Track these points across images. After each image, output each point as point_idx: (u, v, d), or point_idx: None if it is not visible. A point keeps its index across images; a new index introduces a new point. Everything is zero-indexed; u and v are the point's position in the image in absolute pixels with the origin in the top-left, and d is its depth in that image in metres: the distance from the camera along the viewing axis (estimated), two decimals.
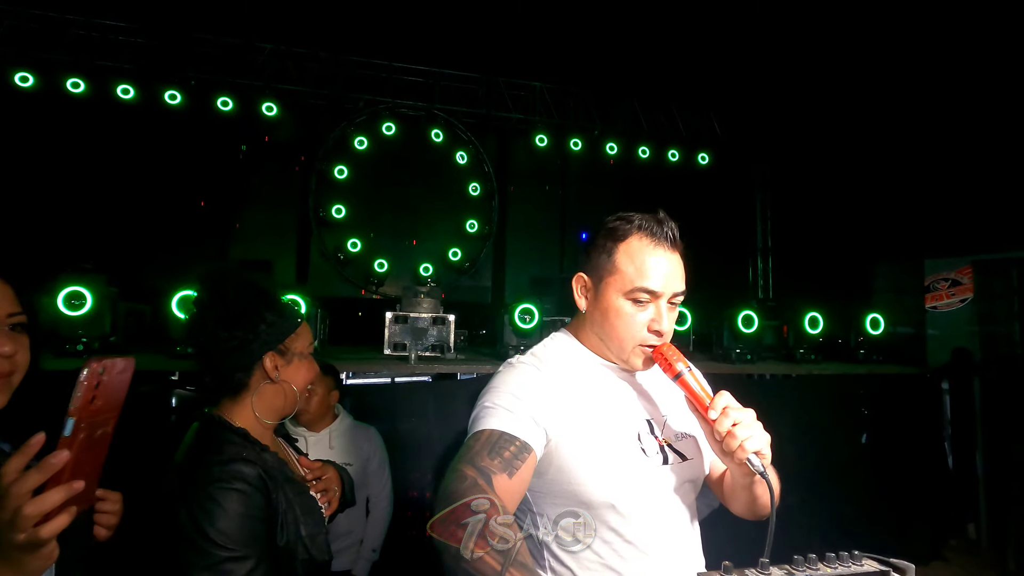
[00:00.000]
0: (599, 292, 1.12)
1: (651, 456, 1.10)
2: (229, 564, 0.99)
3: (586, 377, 1.14)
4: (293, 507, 1.11)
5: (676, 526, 1.11)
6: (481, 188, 5.83)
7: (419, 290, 4.01)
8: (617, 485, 1.04)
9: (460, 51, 5.40)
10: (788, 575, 0.85)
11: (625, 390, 1.16)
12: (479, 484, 0.85)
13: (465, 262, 5.72)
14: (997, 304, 6.04)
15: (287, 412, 1.24)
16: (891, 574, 0.88)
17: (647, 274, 1.06)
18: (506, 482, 0.91)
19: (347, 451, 2.31)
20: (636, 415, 1.13)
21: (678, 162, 6.08)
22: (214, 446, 1.09)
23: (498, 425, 0.99)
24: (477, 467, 0.91)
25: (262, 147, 5.33)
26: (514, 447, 0.96)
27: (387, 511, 2.41)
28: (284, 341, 1.20)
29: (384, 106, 5.47)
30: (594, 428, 1.07)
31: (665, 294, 1.08)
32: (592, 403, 1.10)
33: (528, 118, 5.74)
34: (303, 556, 1.10)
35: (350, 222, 5.48)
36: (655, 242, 1.08)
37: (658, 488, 1.09)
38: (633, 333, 1.08)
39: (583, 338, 1.19)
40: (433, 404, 3.62)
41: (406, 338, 3.79)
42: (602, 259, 1.11)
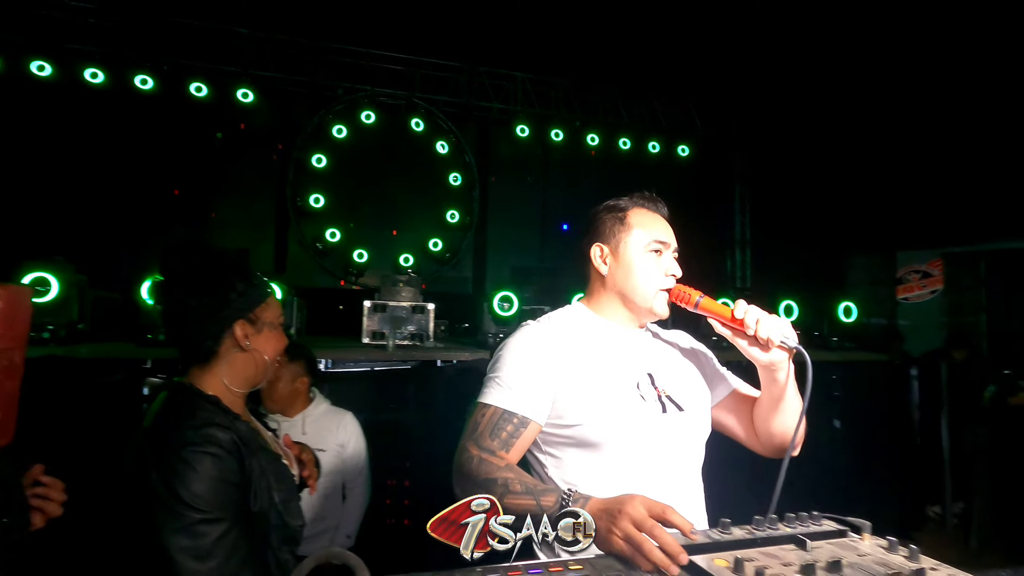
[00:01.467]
0: (619, 253, 1.29)
1: (649, 403, 1.20)
2: (203, 526, 0.99)
3: (592, 335, 1.28)
4: (266, 474, 1.11)
5: (676, 477, 1.20)
6: (462, 178, 5.80)
7: (398, 279, 3.98)
8: (616, 425, 1.16)
9: (441, 40, 5.36)
10: (749, 534, 0.87)
11: (628, 346, 1.28)
12: (487, 461, 1.07)
13: (446, 252, 5.70)
14: (966, 295, 6.22)
15: (257, 381, 1.23)
16: (848, 532, 0.90)
17: (658, 230, 1.28)
18: (506, 455, 1.09)
19: (320, 437, 2.28)
20: (637, 367, 1.25)
21: (658, 154, 6.12)
22: (186, 412, 1.08)
23: (500, 402, 1.14)
24: (480, 447, 1.09)
25: (238, 134, 5.22)
26: (511, 425, 1.13)
27: (364, 497, 2.39)
28: (255, 310, 1.20)
29: (363, 94, 5.41)
30: (596, 375, 1.19)
31: (671, 246, 1.29)
32: (595, 355, 1.23)
33: (509, 108, 5.72)
34: (276, 522, 1.10)
35: (329, 212, 5.41)
36: (652, 209, 1.32)
37: (657, 436, 1.19)
38: (655, 279, 1.25)
39: (595, 305, 1.34)
40: (413, 392, 3.62)
41: (385, 327, 3.76)
42: (615, 227, 1.30)
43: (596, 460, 1.16)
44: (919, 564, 0.76)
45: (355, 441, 2.38)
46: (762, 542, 0.84)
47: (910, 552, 0.80)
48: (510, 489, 1.00)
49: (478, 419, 1.14)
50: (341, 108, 5.43)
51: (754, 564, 0.73)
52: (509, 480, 1.02)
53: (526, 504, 0.97)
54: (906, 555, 0.80)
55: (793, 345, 1.10)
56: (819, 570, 0.74)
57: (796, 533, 0.86)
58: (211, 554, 0.99)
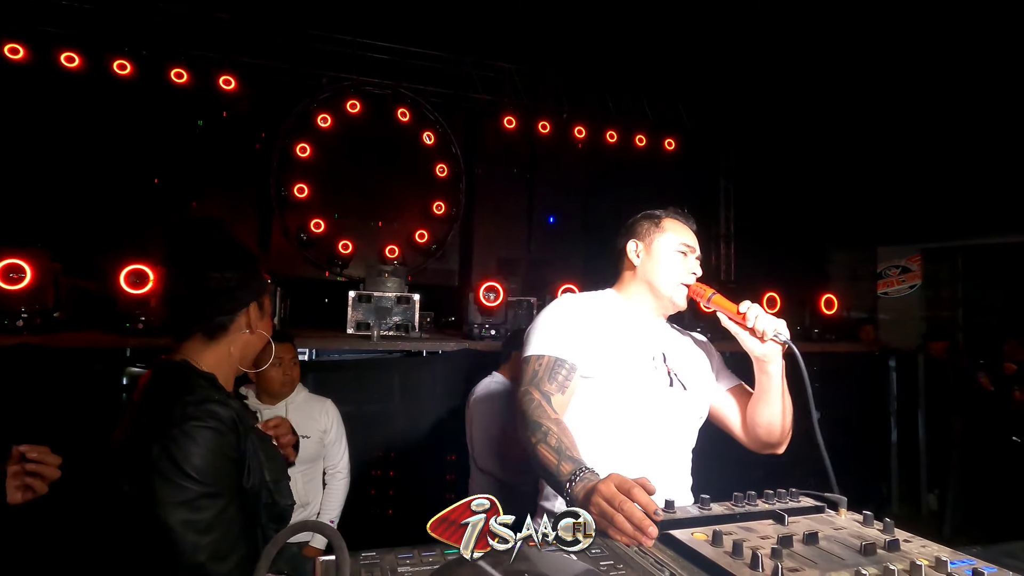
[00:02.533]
0: (651, 249, 1.48)
1: (659, 373, 1.39)
2: (204, 500, 0.99)
3: (618, 315, 1.46)
4: (258, 452, 1.12)
5: (669, 448, 1.38)
6: (448, 170, 5.76)
7: (383, 269, 3.96)
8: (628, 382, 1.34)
9: (428, 29, 5.30)
10: (728, 510, 0.88)
11: (648, 329, 1.47)
12: (543, 406, 1.23)
13: (432, 244, 5.66)
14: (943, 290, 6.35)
15: (250, 363, 1.25)
16: (825, 508, 0.92)
17: (686, 235, 1.49)
18: (560, 399, 1.27)
19: (303, 423, 2.27)
20: (653, 345, 1.44)
21: (645, 147, 6.14)
22: (185, 387, 1.08)
23: (552, 352, 1.32)
24: (541, 391, 1.26)
25: (220, 122, 5.12)
26: (565, 370, 1.30)
27: (345, 482, 2.39)
28: (263, 295, 1.23)
29: (349, 83, 5.34)
30: (617, 340, 1.38)
31: (696, 251, 1.49)
32: (618, 328, 1.42)
33: (497, 99, 5.68)
34: (267, 500, 1.11)
35: (313, 202, 5.34)
36: (684, 221, 1.54)
37: (660, 405, 1.36)
38: (679, 273, 1.44)
39: (624, 292, 1.52)
40: (398, 382, 3.60)
41: (370, 317, 3.74)
42: (651, 229, 1.51)
43: (601, 414, 1.32)
44: (893, 536, 0.77)
45: (336, 427, 2.38)
46: (741, 517, 0.85)
47: (884, 525, 0.81)
48: (547, 440, 1.15)
49: (536, 367, 1.31)
50: (326, 97, 5.35)
51: (732, 537, 0.74)
52: (551, 432, 1.17)
53: (551, 459, 1.11)
54: (880, 528, 0.82)
55: (784, 339, 1.28)
56: (796, 542, 0.75)
57: (775, 509, 0.87)
58: (211, 528, 0.99)
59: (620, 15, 5.00)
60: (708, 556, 0.70)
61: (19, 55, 4.37)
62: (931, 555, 0.72)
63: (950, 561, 0.69)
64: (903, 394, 4.09)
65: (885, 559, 0.70)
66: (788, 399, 1.38)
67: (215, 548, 0.99)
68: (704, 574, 0.69)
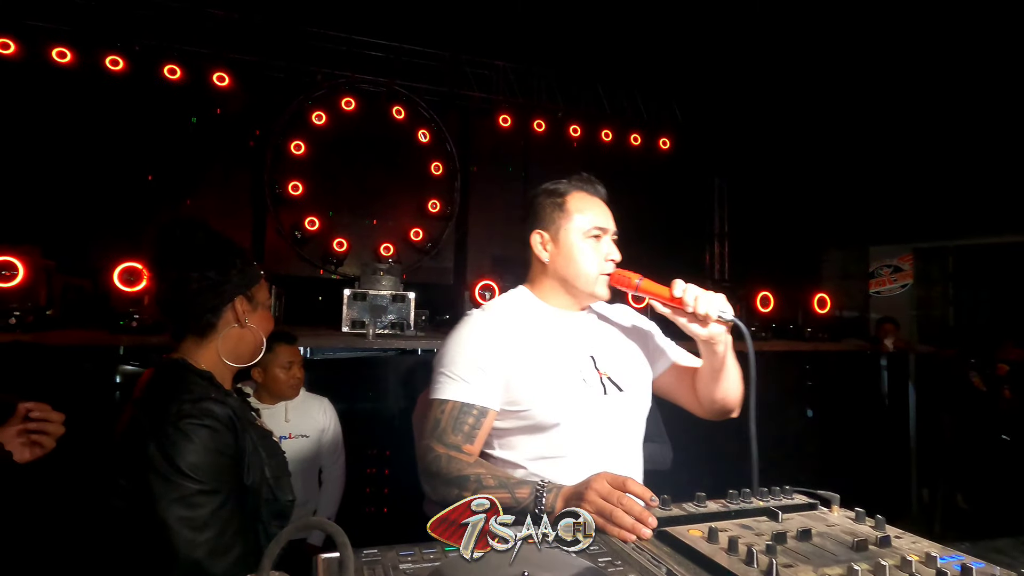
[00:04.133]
0: (559, 240, 1.29)
1: (591, 386, 1.25)
2: (200, 497, 1.00)
3: (536, 320, 1.30)
4: (259, 449, 1.13)
5: (618, 453, 1.26)
6: (443, 168, 5.75)
7: (378, 267, 3.96)
8: (560, 408, 1.19)
9: (423, 27, 5.28)
10: (723, 507, 0.89)
11: (570, 330, 1.31)
12: (455, 458, 1.10)
13: (427, 242, 5.66)
14: (934, 289, 6.42)
15: (250, 359, 1.25)
16: (818, 505, 0.93)
17: (597, 215, 1.29)
18: (471, 447, 1.15)
19: (302, 423, 2.28)
20: (579, 350, 1.29)
21: (639, 146, 6.16)
22: (182, 385, 1.09)
23: (457, 396, 1.17)
24: (446, 443, 1.13)
25: (214, 119, 5.09)
26: (472, 418, 1.16)
27: (341, 481, 2.40)
28: (251, 288, 1.23)
29: (343, 80, 5.32)
30: (541, 361, 1.23)
31: (610, 230, 1.30)
32: (539, 340, 1.26)
33: (491, 97, 5.68)
34: (267, 496, 1.12)
35: (308, 200, 5.32)
36: (591, 192, 1.33)
37: (599, 416, 1.23)
38: (596, 264, 1.27)
39: (537, 290, 1.36)
40: (393, 381, 3.60)
41: (365, 315, 3.74)
42: (555, 214, 1.30)
43: (542, 442, 1.20)
44: (884, 532, 0.79)
45: (334, 426, 2.39)
46: (736, 514, 0.87)
47: (876, 522, 0.83)
48: (483, 484, 1.03)
49: (438, 416, 1.16)
50: (320, 94, 5.33)
51: (727, 534, 0.75)
52: (481, 476, 1.05)
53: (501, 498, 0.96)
54: (872, 525, 0.83)
55: (730, 318, 1.15)
56: (790, 539, 0.76)
57: (769, 506, 0.89)
58: (207, 525, 1.00)
59: (614, 13, 5.01)
60: (704, 553, 0.72)
61: (10, 50, 4.32)
62: (921, 551, 0.73)
63: (939, 556, 0.70)
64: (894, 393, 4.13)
65: (877, 555, 0.72)
66: (738, 368, 1.25)
67: (212, 545, 0.99)
68: (700, 570, 0.70)
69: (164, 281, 1.17)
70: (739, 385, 1.27)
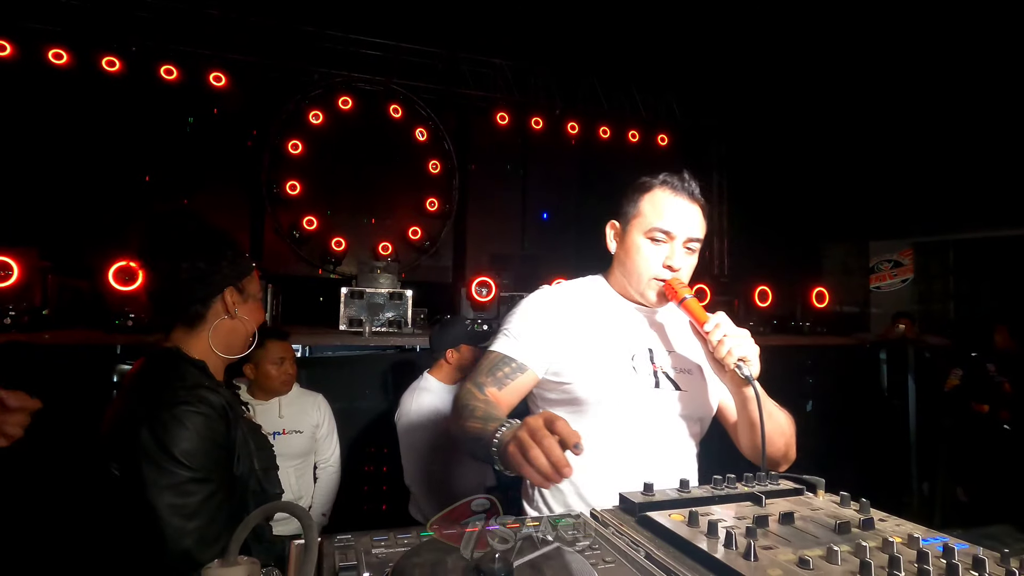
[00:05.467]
0: (625, 234, 1.29)
1: (641, 376, 1.24)
2: (191, 485, 0.99)
3: (601, 306, 1.31)
4: (248, 441, 1.12)
5: (662, 449, 1.23)
6: (441, 166, 5.75)
7: (376, 265, 3.95)
8: (601, 388, 1.20)
9: (419, 25, 5.28)
10: (708, 493, 0.88)
11: (634, 321, 1.31)
12: (473, 392, 1.13)
13: (425, 241, 5.65)
14: (934, 283, 6.39)
15: (240, 350, 1.25)
16: (804, 490, 0.92)
17: (664, 217, 1.23)
18: (495, 392, 1.16)
19: (296, 419, 2.27)
20: (638, 341, 1.28)
21: (638, 143, 6.14)
22: (176, 373, 1.09)
23: (502, 348, 1.22)
24: (475, 382, 1.17)
25: (211, 120, 5.09)
26: (509, 368, 1.19)
27: (336, 476, 2.40)
28: (242, 280, 1.22)
29: (340, 79, 5.32)
30: (593, 339, 1.24)
31: (679, 236, 1.24)
32: (598, 322, 1.27)
33: (489, 95, 5.67)
34: (255, 488, 1.11)
35: (305, 199, 5.32)
36: (675, 192, 1.26)
37: (645, 407, 1.22)
38: (649, 267, 1.24)
39: (611, 280, 1.36)
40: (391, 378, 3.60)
41: (362, 313, 3.73)
42: (629, 207, 1.29)
43: (583, 421, 1.19)
44: (868, 515, 0.78)
45: (328, 422, 2.39)
46: (720, 500, 0.86)
47: (861, 505, 0.82)
48: (473, 414, 1.04)
49: (482, 362, 1.22)
50: (317, 94, 5.33)
51: (708, 518, 0.74)
52: (477, 408, 1.06)
53: (478, 428, 0.99)
54: (857, 508, 0.82)
55: (745, 373, 1.06)
56: (772, 522, 0.75)
57: (753, 491, 0.88)
58: (197, 513, 0.99)
59: (611, 10, 5.00)
60: (684, 536, 0.71)
61: (6, 52, 4.33)
62: (904, 533, 0.72)
63: (922, 538, 0.69)
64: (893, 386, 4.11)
65: (859, 537, 0.71)
66: (776, 421, 1.16)
67: (201, 534, 0.98)
68: (680, 553, 0.69)
69: (154, 271, 1.17)
70: (779, 439, 1.18)
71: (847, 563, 0.63)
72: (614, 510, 0.85)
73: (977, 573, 0.60)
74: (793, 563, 0.63)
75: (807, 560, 0.62)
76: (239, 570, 0.58)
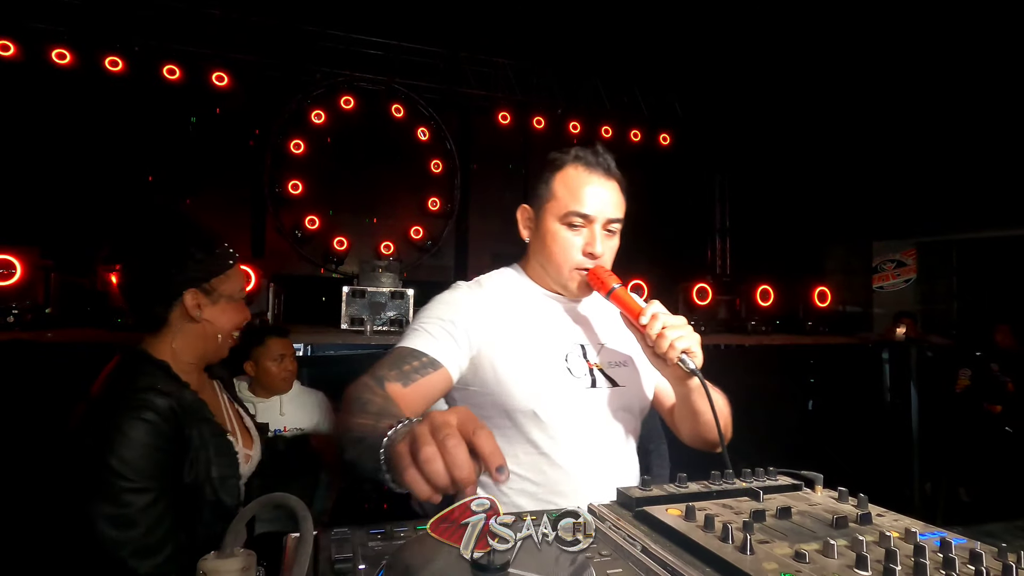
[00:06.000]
0: (539, 220, 1.17)
1: (578, 377, 1.13)
2: (128, 495, 0.97)
3: (523, 301, 1.18)
4: (207, 446, 1.09)
5: (604, 450, 1.14)
6: (443, 165, 5.75)
7: (377, 264, 3.96)
8: (537, 395, 1.08)
9: (421, 24, 5.28)
10: (705, 488, 0.88)
11: (560, 316, 1.19)
12: (370, 386, 0.92)
13: (427, 240, 5.66)
14: (937, 284, 6.37)
15: (209, 354, 1.21)
16: (802, 486, 0.92)
17: (580, 199, 1.11)
18: (399, 389, 0.96)
19: (297, 417, 2.28)
20: (568, 338, 1.17)
21: (640, 142, 6.14)
22: (129, 377, 1.07)
23: (410, 343, 1.05)
24: (374, 376, 0.97)
25: (213, 119, 5.11)
26: (417, 363, 1.01)
27: None
28: (211, 280, 1.17)
29: (342, 79, 5.33)
30: (521, 343, 1.11)
31: (599, 219, 1.12)
32: (523, 322, 1.14)
33: (491, 95, 5.68)
34: (210, 497, 1.08)
35: (307, 199, 5.33)
36: (589, 170, 1.13)
37: (583, 409, 1.12)
38: (569, 256, 1.12)
39: (528, 270, 1.24)
40: None
41: (363, 312, 3.74)
42: (541, 188, 1.17)
43: (517, 433, 1.08)
44: (866, 510, 0.77)
45: (328, 420, 2.39)
46: (717, 495, 0.85)
47: (859, 500, 0.81)
48: (365, 409, 0.83)
49: (384, 358, 1.04)
50: (319, 93, 5.35)
51: (705, 512, 0.74)
52: (371, 403, 0.85)
53: (366, 426, 0.77)
54: (855, 503, 0.82)
55: (689, 367, 0.98)
56: (769, 517, 0.75)
57: (751, 486, 0.87)
58: (135, 523, 0.97)
59: (613, 8, 5.00)
60: (680, 530, 0.71)
61: (9, 52, 4.35)
62: (902, 527, 0.72)
63: (920, 533, 0.69)
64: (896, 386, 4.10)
65: (856, 531, 0.70)
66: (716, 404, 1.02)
67: (139, 545, 0.96)
68: (677, 547, 0.69)
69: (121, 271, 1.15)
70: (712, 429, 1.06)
71: (843, 557, 0.63)
72: (611, 505, 0.85)
73: (974, 567, 0.60)
74: (789, 556, 0.63)
75: (803, 554, 0.62)
76: (235, 561, 0.58)
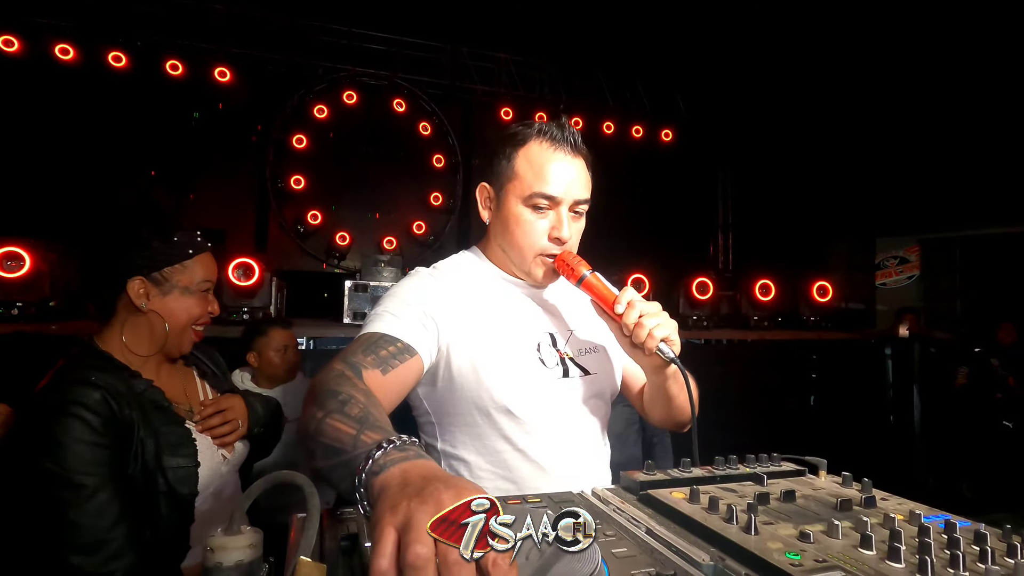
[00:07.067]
0: (500, 201, 1.07)
1: (550, 368, 1.08)
2: (65, 492, 0.95)
3: (486, 289, 1.10)
4: (156, 436, 1.06)
5: (578, 441, 1.10)
6: (445, 160, 5.75)
7: (380, 259, 3.97)
8: (510, 390, 1.02)
9: (424, 19, 5.28)
10: (709, 473, 0.88)
11: (527, 304, 1.12)
12: (346, 375, 0.81)
13: (430, 235, 5.66)
14: (941, 280, 6.36)
15: (163, 347, 1.16)
16: (806, 471, 0.92)
17: (546, 179, 1.01)
18: (378, 378, 0.86)
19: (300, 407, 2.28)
20: (537, 327, 1.10)
21: (642, 138, 6.13)
22: (66, 369, 1.04)
23: (381, 328, 0.94)
24: (347, 362, 0.86)
25: (216, 114, 5.11)
26: (393, 347, 0.92)
27: None
28: (162, 269, 1.13)
29: (345, 74, 5.32)
30: (490, 335, 1.04)
31: (566, 200, 1.03)
32: (490, 313, 1.06)
33: (493, 90, 5.67)
34: (163, 488, 1.05)
35: (310, 194, 5.33)
36: (555, 146, 1.04)
37: (557, 400, 1.08)
38: (533, 241, 1.04)
39: (489, 253, 1.15)
40: None
41: (366, 306, 3.74)
42: (502, 165, 1.06)
43: (490, 429, 1.03)
44: (870, 494, 0.78)
45: None
46: (721, 479, 0.86)
47: (863, 485, 0.82)
48: (345, 409, 0.70)
49: (354, 343, 0.92)
50: (322, 88, 5.34)
51: (709, 495, 0.74)
52: (351, 400, 0.72)
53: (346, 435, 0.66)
54: (859, 488, 0.82)
55: (668, 357, 0.94)
56: (773, 500, 0.75)
57: (755, 471, 0.88)
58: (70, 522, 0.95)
59: (616, 4, 4.98)
60: (685, 512, 0.71)
61: (13, 47, 4.36)
62: (906, 510, 0.72)
63: (924, 515, 0.69)
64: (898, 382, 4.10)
65: (860, 514, 0.71)
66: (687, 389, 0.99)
67: (79, 542, 0.94)
68: (681, 529, 0.69)
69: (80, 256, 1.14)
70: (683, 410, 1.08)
71: (848, 538, 0.63)
72: (615, 488, 0.85)
73: (979, 547, 0.60)
74: (794, 537, 0.63)
75: (808, 534, 0.62)
76: (242, 538, 0.59)
